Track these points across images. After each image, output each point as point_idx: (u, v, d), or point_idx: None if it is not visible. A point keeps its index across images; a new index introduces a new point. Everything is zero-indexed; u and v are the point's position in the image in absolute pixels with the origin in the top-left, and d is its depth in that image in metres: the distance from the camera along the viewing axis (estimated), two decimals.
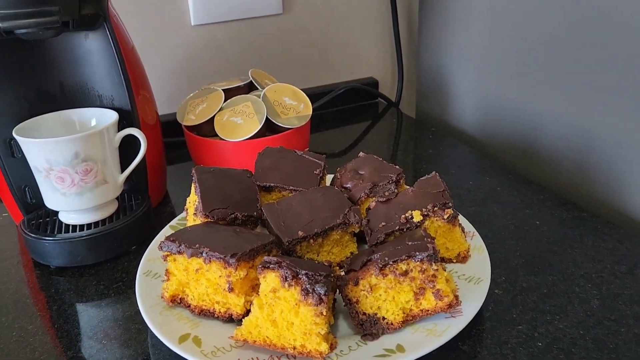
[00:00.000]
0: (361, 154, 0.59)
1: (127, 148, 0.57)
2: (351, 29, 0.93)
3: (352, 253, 0.51)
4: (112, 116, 0.56)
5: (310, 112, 0.67)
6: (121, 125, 0.58)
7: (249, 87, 0.71)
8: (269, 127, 0.66)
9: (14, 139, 0.54)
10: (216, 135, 0.66)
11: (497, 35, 0.74)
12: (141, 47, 0.79)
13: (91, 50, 0.56)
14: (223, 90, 0.68)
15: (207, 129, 0.66)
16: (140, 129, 0.58)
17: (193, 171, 0.54)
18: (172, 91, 0.83)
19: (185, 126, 0.67)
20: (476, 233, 0.52)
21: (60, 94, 0.58)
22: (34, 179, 0.55)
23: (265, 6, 0.84)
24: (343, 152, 0.80)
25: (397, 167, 0.55)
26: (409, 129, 0.87)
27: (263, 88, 0.71)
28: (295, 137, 0.67)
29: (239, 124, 0.64)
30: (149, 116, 0.62)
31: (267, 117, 0.64)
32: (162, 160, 0.67)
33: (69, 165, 0.51)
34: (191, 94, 0.70)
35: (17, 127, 0.53)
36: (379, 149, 0.80)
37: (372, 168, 0.56)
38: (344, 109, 0.94)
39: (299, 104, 0.68)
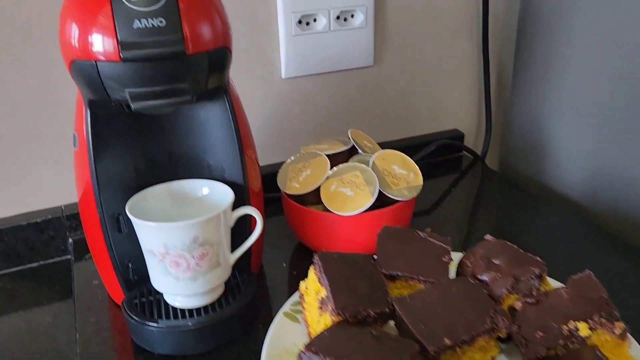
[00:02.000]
0: (488, 237, 0.54)
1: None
2: (439, 80, 0.88)
3: (493, 358, 0.46)
4: (228, 194, 0.52)
5: (421, 183, 0.63)
6: None
7: (350, 151, 0.67)
8: (377, 198, 0.61)
9: (123, 213, 0.51)
10: (318, 203, 0.61)
11: (604, 87, 0.69)
12: None
13: (207, 119, 0.53)
14: (327, 154, 0.64)
15: (310, 197, 0.62)
16: (250, 200, 0.55)
17: (316, 258, 0.49)
18: (259, 145, 0.80)
19: (287, 194, 0.63)
20: (632, 340, 0.47)
21: (169, 163, 0.54)
22: (139, 254, 0.51)
23: (357, 59, 0.80)
24: (428, 210, 0.75)
25: (537, 258, 0.50)
26: (496, 187, 0.82)
27: (364, 151, 0.66)
28: (404, 210, 0.62)
29: (349, 196, 0.59)
30: (254, 182, 0.57)
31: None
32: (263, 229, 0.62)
33: (187, 249, 0.47)
34: (291, 158, 0.66)
35: (129, 203, 0.50)
36: (465, 207, 0.75)
37: (508, 257, 0.51)
38: (427, 162, 0.90)
39: (409, 173, 0.63)
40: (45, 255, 0.70)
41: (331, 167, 0.63)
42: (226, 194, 0.52)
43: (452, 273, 0.53)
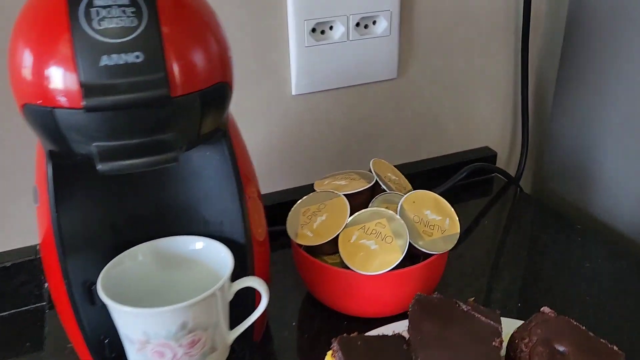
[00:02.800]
0: (546, 310, 0.44)
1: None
2: (471, 93, 0.77)
3: None
4: (226, 260, 0.42)
5: (458, 231, 0.53)
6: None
7: (373, 188, 0.57)
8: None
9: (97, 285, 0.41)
10: (335, 252, 0.52)
11: None
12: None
13: (201, 165, 0.43)
14: (345, 194, 0.54)
15: (326, 246, 0.52)
16: (253, 256, 0.45)
17: (336, 346, 0.39)
18: (265, 169, 0.70)
19: (298, 244, 0.53)
20: None
21: (154, 218, 0.44)
22: (116, 331, 0.41)
23: (379, 71, 0.70)
24: (461, 235, 0.66)
25: (614, 348, 0.40)
26: (533, 215, 0.71)
27: (389, 188, 0.56)
28: (438, 264, 0.52)
29: (374, 250, 0.49)
30: (259, 228, 0.47)
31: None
32: (268, 281, 0.52)
33: (172, 338, 0.38)
34: (303, 198, 0.56)
35: (103, 274, 0.40)
36: (497, 241, 0.65)
37: (577, 345, 0.41)
38: (455, 184, 0.79)
39: (444, 218, 0.53)
40: (15, 304, 0.60)
41: (351, 211, 0.52)
42: (224, 259, 0.42)
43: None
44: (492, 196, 0.77)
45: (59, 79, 0.32)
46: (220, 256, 0.43)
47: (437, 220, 0.52)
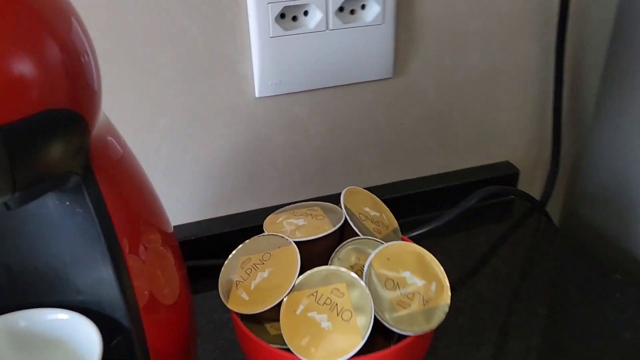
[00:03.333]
0: None
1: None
2: (488, 95, 0.62)
3: None
4: (94, 346, 0.29)
5: (449, 302, 0.38)
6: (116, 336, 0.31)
7: (342, 231, 0.43)
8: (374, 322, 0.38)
9: None
10: (278, 320, 0.38)
11: None
12: (175, 127, 0.52)
13: (61, 218, 0.30)
14: (299, 242, 0.40)
15: (267, 312, 0.39)
16: (141, 331, 0.32)
17: None
18: (225, 187, 0.56)
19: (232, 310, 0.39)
20: None
21: (8, 285, 0.32)
22: None
23: (369, 68, 0.55)
24: (458, 284, 0.52)
25: None
26: (560, 252, 0.56)
27: (363, 231, 0.42)
28: (417, 347, 0.38)
29: (324, 329, 0.36)
30: (164, 289, 0.34)
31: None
32: None
33: None
34: (245, 242, 0.42)
35: None
36: (513, 285, 0.50)
37: None
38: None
39: (429, 283, 0.39)
40: None
41: (307, 264, 0.39)
42: (91, 342, 0.30)
43: None
44: (509, 225, 0.63)
45: None
46: (88, 337, 0.30)
47: (419, 285, 0.38)
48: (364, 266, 0.39)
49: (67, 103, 0.24)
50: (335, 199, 0.59)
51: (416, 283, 0.38)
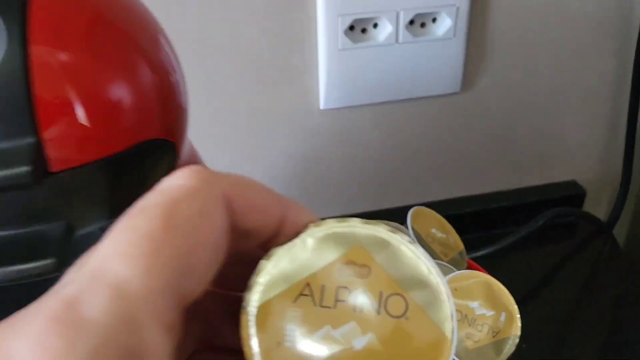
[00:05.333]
0: None
1: None
2: (557, 112, 0.60)
3: None
4: None
5: (518, 333, 0.37)
6: None
7: None
8: None
9: None
10: None
11: None
12: (237, 137, 0.52)
13: None
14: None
15: None
16: None
17: None
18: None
19: None
20: None
21: None
22: None
23: (436, 83, 0.54)
24: (522, 302, 0.50)
25: None
26: (624, 279, 0.54)
27: (429, 253, 0.42)
28: None
29: None
30: None
31: None
32: None
33: None
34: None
35: None
36: (569, 310, 0.49)
37: None
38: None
39: (498, 313, 0.38)
40: None
41: None
42: None
43: None
44: (573, 247, 0.60)
45: None
46: None
47: (488, 316, 0.38)
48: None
49: (161, 131, 0.25)
50: (392, 213, 0.58)
51: (485, 314, 0.37)
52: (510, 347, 0.37)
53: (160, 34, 0.26)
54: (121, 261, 0.13)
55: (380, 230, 0.17)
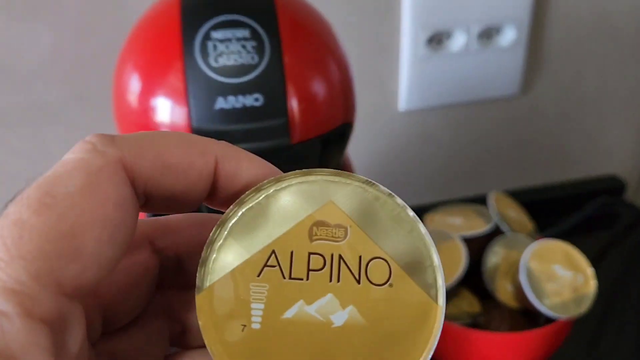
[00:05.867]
0: None
1: None
2: (601, 112, 0.68)
3: None
4: None
5: (593, 289, 0.45)
6: None
7: (490, 234, 0.50)
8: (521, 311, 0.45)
9: None
10: None
11: None
12: None
13: None
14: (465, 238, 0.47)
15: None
16: None
17: None
18: None
19: None
20: None
21: None
22: None
23: (499, 87, 0.62)
24: None
25: None
26: None
27: (509, 226, 0.49)
28: (561, 332, 0.45)
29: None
30: None
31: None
32: None
33: None
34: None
35: None
36: (620, 292, 0.56)
37: None
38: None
39: (575, 274, 0.45)
40: None
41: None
42: None
43: None
44: (614, 235, 0.68)
45: (168, 122, 0.28)
46: None
47: (568, 276, 0.45)
48: (518, 260, 0.46)
49: (349, 118, 0.32)
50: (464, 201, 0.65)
51: (565, 275, 0.45)
52: (587, 301, 0.44)
53: (340, 47, 0.34)
54: None
55: (354, 183, 0.15)
